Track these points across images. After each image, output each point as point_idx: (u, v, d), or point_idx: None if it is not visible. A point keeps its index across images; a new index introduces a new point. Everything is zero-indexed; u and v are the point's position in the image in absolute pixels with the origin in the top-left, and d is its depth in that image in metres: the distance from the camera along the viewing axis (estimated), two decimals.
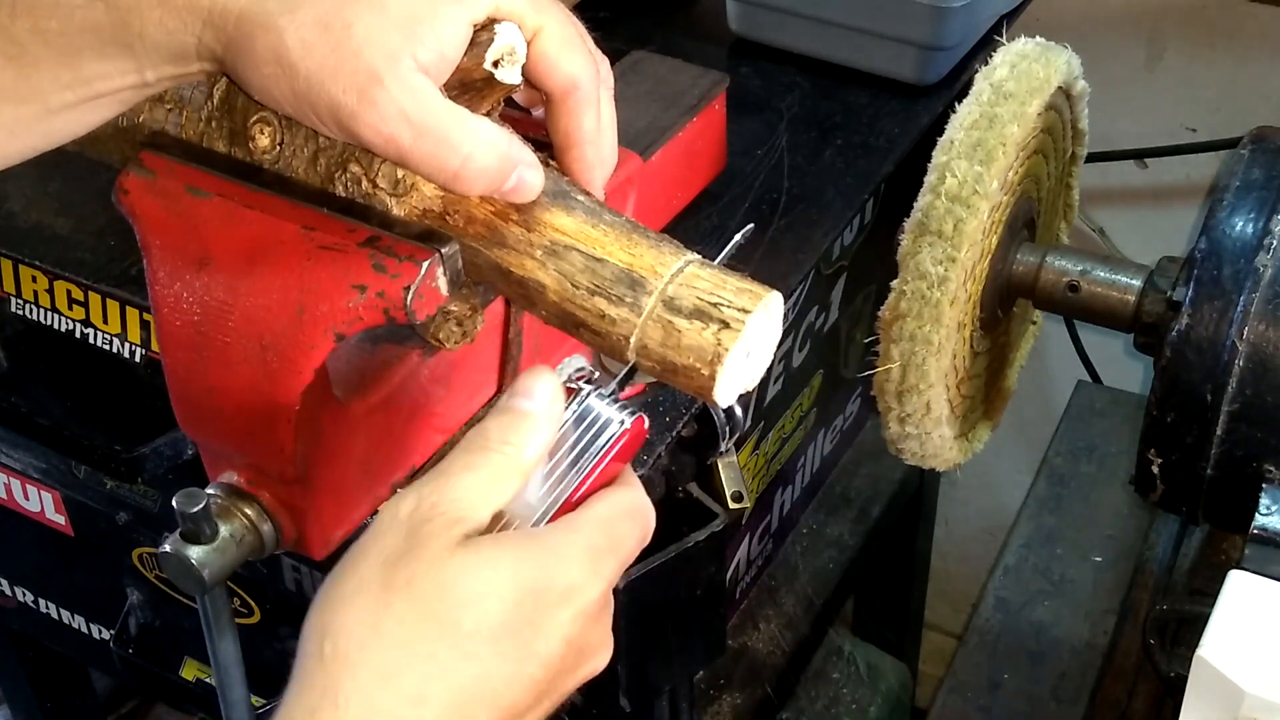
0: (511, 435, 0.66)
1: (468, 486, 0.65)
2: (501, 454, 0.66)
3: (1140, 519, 1.43)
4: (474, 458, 0.66)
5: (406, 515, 0.64)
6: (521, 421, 0.66)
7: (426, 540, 0.63)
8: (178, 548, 0.76)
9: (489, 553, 0.63)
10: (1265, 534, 0.93)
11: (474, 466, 0.65)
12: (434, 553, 0.62)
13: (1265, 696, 0.81)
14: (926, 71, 1.25)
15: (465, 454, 0.66)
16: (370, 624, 0.61)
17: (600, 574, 0.65)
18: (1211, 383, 0.95)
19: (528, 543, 0.64)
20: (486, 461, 0.65)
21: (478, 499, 0.65)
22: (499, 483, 0.65)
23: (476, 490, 0.65)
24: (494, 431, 0.66)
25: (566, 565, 0.64)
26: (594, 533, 0.66)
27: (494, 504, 0.65)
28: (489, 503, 0.65)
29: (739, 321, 0.66)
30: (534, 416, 0.67)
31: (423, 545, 0.62)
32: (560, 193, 0.71)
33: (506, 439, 0.66)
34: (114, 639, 1.34)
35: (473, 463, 0.65)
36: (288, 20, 0.67)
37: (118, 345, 1.07)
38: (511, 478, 0.66)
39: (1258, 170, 1.02)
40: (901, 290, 1.02)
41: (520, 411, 0.67)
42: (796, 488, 1.36)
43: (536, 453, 0.66)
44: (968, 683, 1.32)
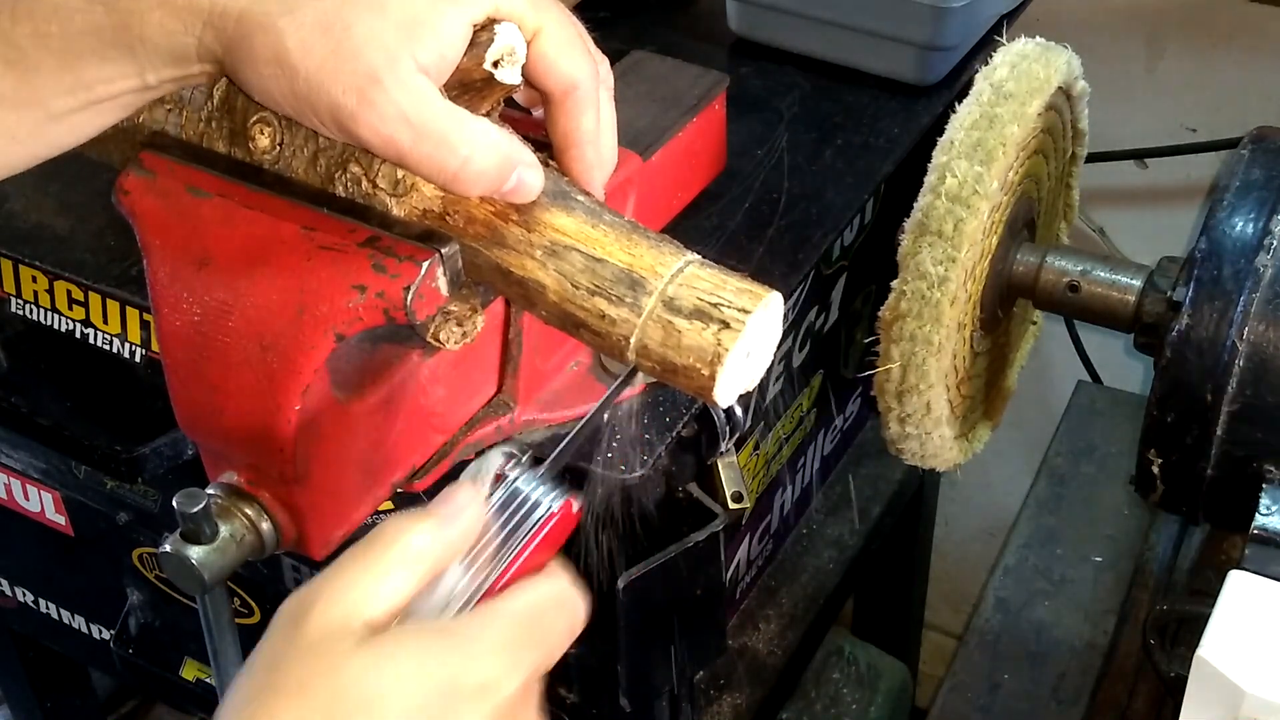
0: (412, 530, 0.61)
1: (357, 581, 0.60)
2: (397, 548, 0.61)
3: (1140, 519, 1.43)
4: (367, 553, 0.61)
5: (290, 613, 0.59)
6: (426, 519, 0.62)
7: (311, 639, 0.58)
8: (178, 548, 0.76)
9: (390, 649, 0.58)
10: (1265, 534, 0.93)
11: (365, 562, 0.60)
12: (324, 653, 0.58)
13: (1266, 697, 0.81)
14: (927, 72, 1.25)
15: (358, 550, 0.61)
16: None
17: (519, 667, 0.60)
18: (1212, 383, 0.95)
19: (436, 636, 0.60)
20: (379, 555, 0.60)
21: (368, 594, 0.59)
22: (392, 578, 0.60)
23: (364, 582, 0.60)
24: (394, 525, 0.62)
25: (480, 659, 0.59)
26: (513, 625, 0.61)
27: (388, 600, 0.60)
28: (382, 598, 0.60)
29: (739, 322, 0.66)
30: (444, 516, 0.62)
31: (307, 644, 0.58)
32: (560, 193, 0.71)
33: (404, 533, 0.61)
34: (114, 639, 1.34)
35: (364, 558, 0.60)
36: (287, 21, 0.67)
37: (118, 345, 1.07)
38: (407, 572, 0.60)
39: (1258, 170, 1.02)
40: (902, 290, 1.02)
41: (429, 512, 0.63)
42: (796, 488, 1.36)
43: (437, 550, 0.62)
44: (968, 683, 1.31)
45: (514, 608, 0.61)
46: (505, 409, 0.91)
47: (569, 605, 0.63)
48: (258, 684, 0.58)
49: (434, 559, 0.62)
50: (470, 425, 0.90)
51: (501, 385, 0.91)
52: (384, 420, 0.81)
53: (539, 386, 0.93)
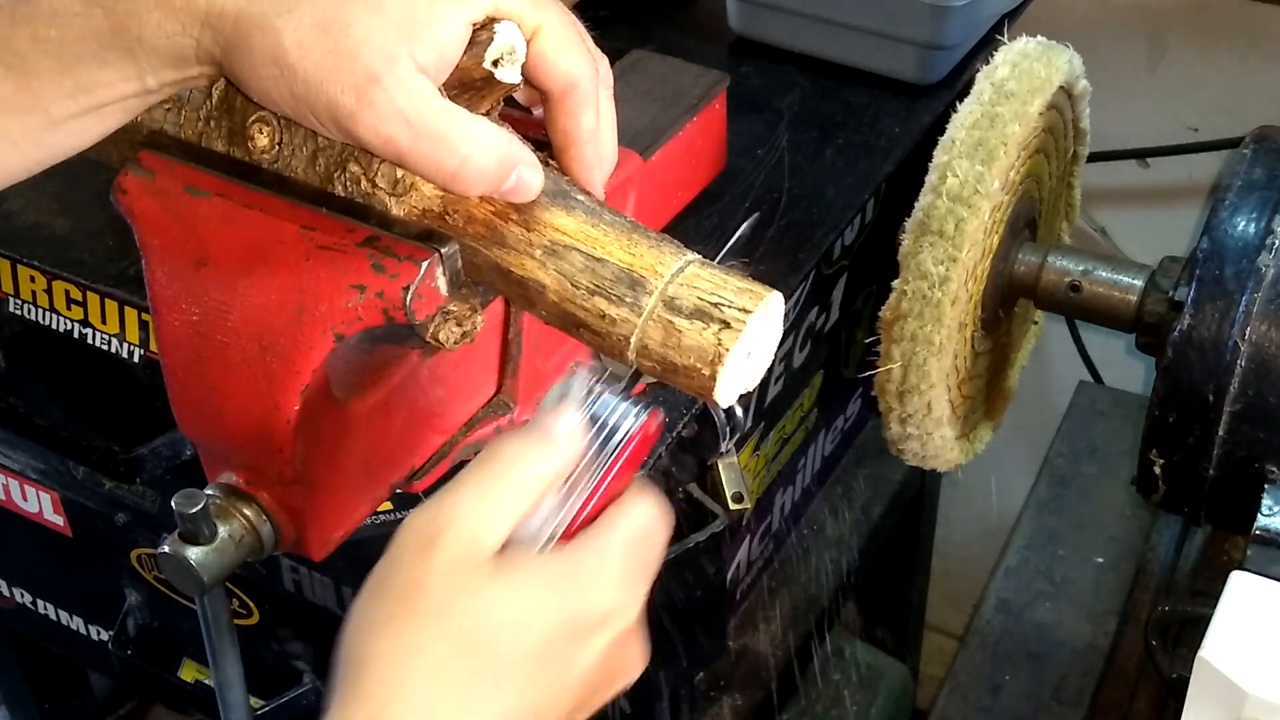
0: (528, 454, 0.65)
1: (481, 502, 0.63)
2: (516, 469, 0.64)
3: (1142, 520, 1.43)
4: (488, 472, 0.64)
5: (421, 533, 0.62)
6: (539, 442, 0.65)
7: (448, 562, 0.61)
8: (176, 549, 0.76)
9: (522, 579, 0.62)
10: (1267, 535, 0.93)
11: (488, 482, 0.64)
12: (461, 578, 0.61)
13: (1267, 698, 0.80)
14: (928, 71, 1.25)
15: (479, 470, 0.64)
16: (404, 653, 0.60)
17: (635, 597, 0.65)
18: (1213, 383, 0.95)
19: (562, 568, 0.63)
20: (500, 477, 0.64)
21: (492, 515, 0.63)
22: (513, 499, 0.64)
23: (490, 506, 0.63)
24: (510, 447, 0.65)
25: (602, 591, 0.63)
26: (627, 555, 0.65)
27: (508, 522, 0.63)
28: (504, 519, 0.63)
29: (740, 321, 0.66)
30: (553, 438, 0.65)
31: (445, 568, 0.61)
32: (560, 192, 0.71)
33: (523, 457, 0.64)
34: (112, 640, 1.34)
35: (486, 478, 0.64)
36: (285, 21, 0.66)
37: (116, 345, 1.07)
38: (525, 494, 0.64)
39: (1260, 170, 1.02)
40: (903, 290, 1.02)
41: (539, 433, 0.65)
42: (797, 488, 1.36)
43: (552, 471, 0.65)
44: (969, 684, 1.31)
45: (624, 538, 0.65)
46: (505, 409, 0.91)
47: (661, 525, 0.67)
48: (399, 603, 0.61)
49: (547, 483, 0.65)
50: (470, 426, 0.90)
51: (501, 385, 0.91)
52: (383, 421, 0.81)
53: (538, 387, 0.93)
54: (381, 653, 0.60)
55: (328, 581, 1.14)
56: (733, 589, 1.27)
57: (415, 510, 0.64)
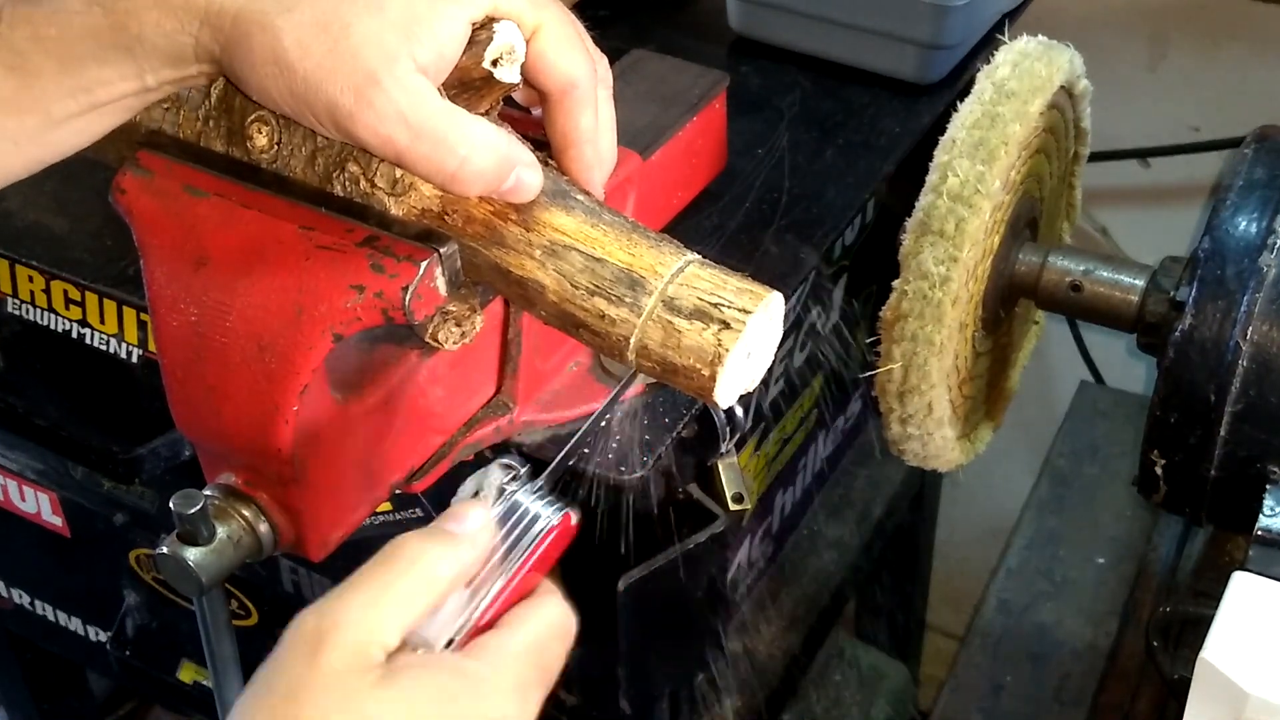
0: (429, 552, 0.62)
1: (373, 604, 0.61)
2: (415, 569, 0.62)
3: (1143, 520, 1.43)
4: (384, 572, 0.62)
5: (309, 635, 0.60)
6: (445, 541, 0.63)
7: (332, 669, 0.58)
8: (175, 549, 0.76)
9: (407, 691, 0.59)
10: (1269, 535, 0.92)
11: (383, 583, 0.61)
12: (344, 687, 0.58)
13: (1269, 699, 0.80)
14: (928, 70, 1.25)
15: (377, 569, 0.62)
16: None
17: (528, 707, 0.62)
18: (1215, 383, 0.95)
19: (451, 678, 0.61)
20: (397, 577, 0.61)
21: (384, 618, 0.60)
22: (408, 600, 0.61)
23: (383, 608, 0.60)
24: (410, 545, 0.62)
25: (494, 700, 0.61)
26: (523, 664, 0.62)
27: (402, 623, 0.61)
28: (397, 622, 0.61)
29: (740, 322, 0.65)
30: (460, 538, 0.63)
31: (330, 675, 0.58)
32: (559, 192, 0.71)
33: (424, 556, 0.62)
34: (111, 641, 1.34)
35: (382, 578, 0.61)
36: (285, 20, 0.66)
37: (115, 345, 1.07)
38: (423, 595, 0.62)
39: (1261, 169, 1.01)
40: (903, 290, 1.02)
41: (446, 532, 0.64)
42: (797, 489, 1.36)
43: (454, 572, 0.63)
44: (969, 685, 1.31)
45: (522, 643, 0.63)
46: (504, 410, 0.91)
47: (568, 630, 0.65)
48: (276, 713, 0.58)
49: (450, 582, 0.63)
50: (469, 426, 0.89)
51: (500, 386, 0.91)
52: (382, 421, 0.81)
53: (538, 387, 0.93)
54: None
55: (327, 582, 1.14)
56: (733, 589, 1.27)
57: (307, 608, 0.61)
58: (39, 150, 0.73)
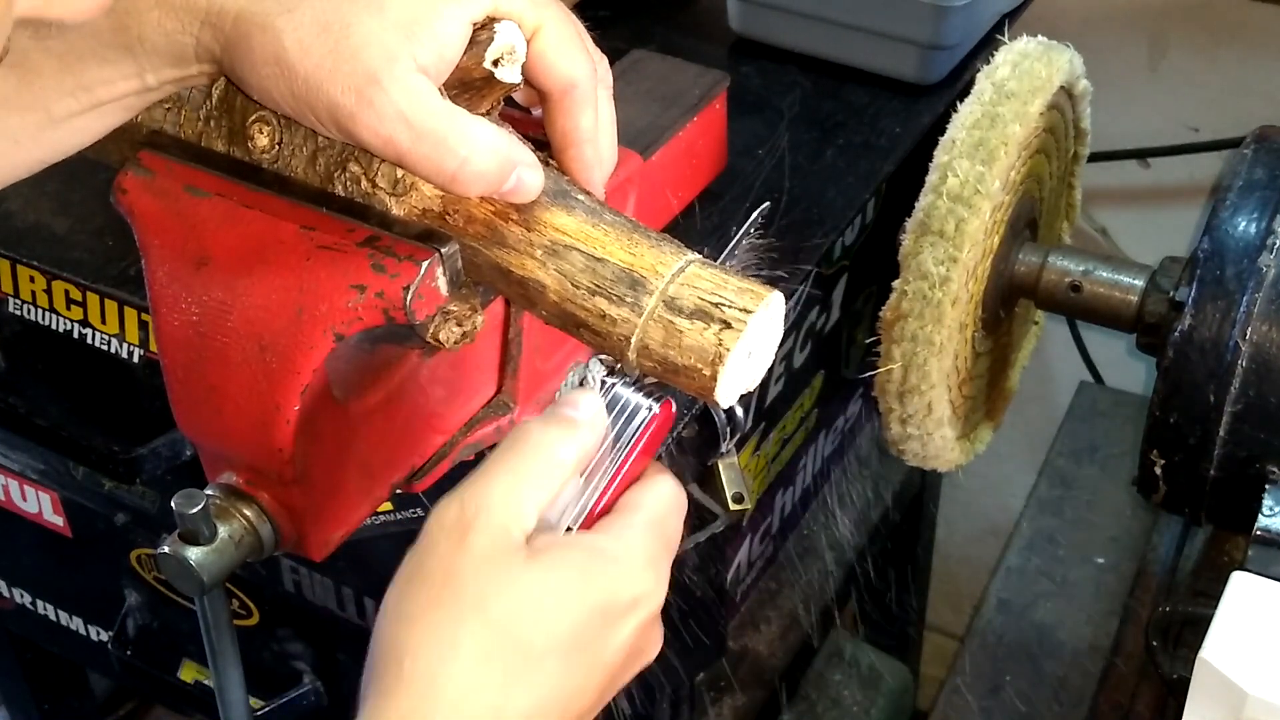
0: (553, 436, 0.66)
1: (510, 488, 0.64)
2: (542, 454, 0.65)
3: (1143, 520, 1.43)
4: (515, 458, 0.65)
5: (453, 522, 0.63)
6: (563, 427, 0.66)
7: (482, 550, 0.62)
8: (176, 549, 0.76)
9: (555, 566, 0.63)
10: (1268, 535, 0.92)
11: (515, 468, 0.64)
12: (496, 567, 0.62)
13: (1268, 699, 0.80)
14: (928, 71, 1.25)
15: (505, 457, 0.65)
16: (445, 644, 0.61)
17: (661, 581, 0.66)
18: (1214, 383, 0.95)
19: (591, 556, 0.64)
20: (526, 462, 0.65)
21: (521, 501, 0.64)
22: (540, 484, 0.65)
23: (519, 492, 0.64)
24: (535, 432, 0.66)
25: (631, 577, 0.64)
26: (651, 540, 0.66)
27: (537, 505, 0.64)
28: (533, 505, 0.64)
29: (740, 322, 0.65)
30: (577, 423, 0.66)
31: (480, 557, 0.62)
32: (560, 192, 0.71)
33: (547, 442, 0.65)
34: (112, 640, 1.34)
35: (513, 464, 0.65)
36: (286, 20, 0.66)
37: (116, 345, 1.07)
38: (553, 479, 0.65)
39: (1261, 170, 1.02)
40: (903, 290, 1.02)
41: (563, 417, 0.66)
42: (797, 489, 1.36)
43: (576, 456, 0.66)
44: (969, 684, 1.31)
45: (647, 520, 0.66)
46: (505, 409, 0.91)
47: (682, 504, 0.68)
48: (436, 593, 0.62)
49: (573, 465, 0.66)
50: (470, 426, 0.89)
51: (501, 386, 0.91)
52: (383, 421, 0.81)
53: (539, 387, 0.93)
54: (420, 644, 0.61)
55: (328, 582, 1.14)
56: (733, 589, 1.27)
57: (444, 498, 0.64)
58: (39, 149, 0.73)
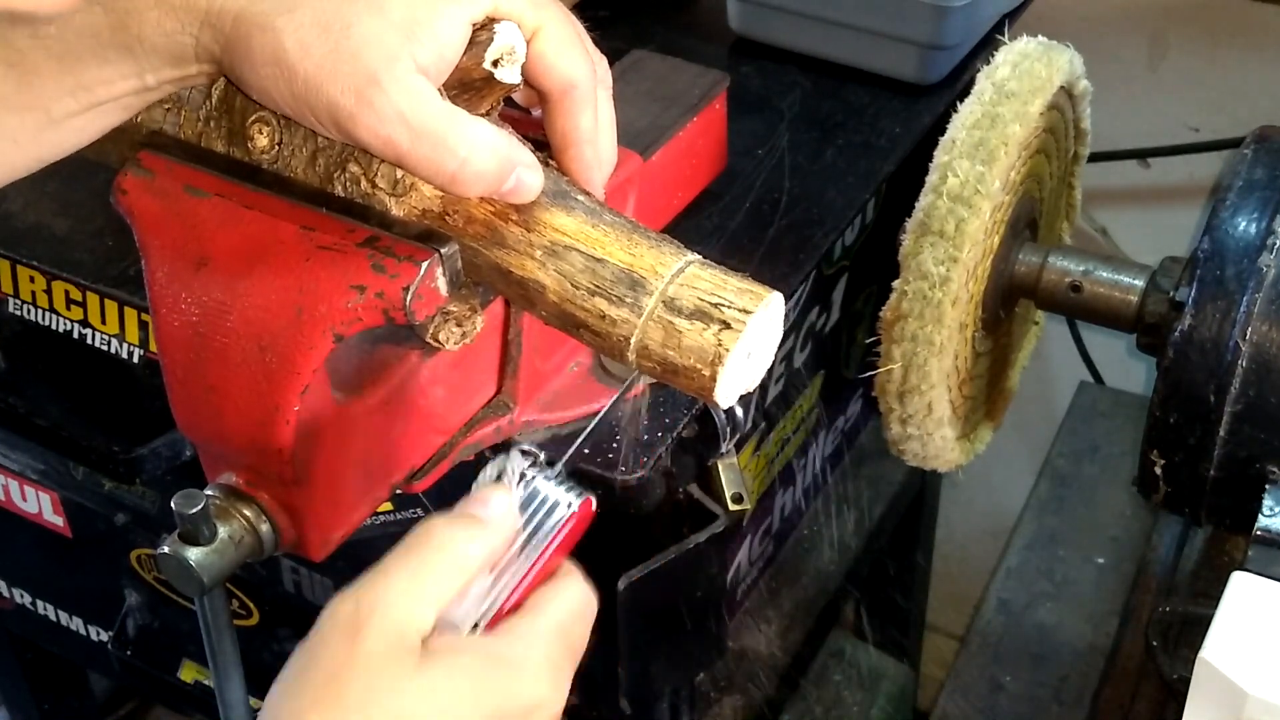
0: (459, 535, 0.64)
1: (409, 588, 0.62)
2: (445, 553, 0.63)
3: (1143, 520, 1.43)
4: (417, 557, 0.63)
5: (347, 620, 0.61)
6: (470, 525, 0.64)
7: (373, 652, 0.60)
8: (176, 549, 0.76)
9: (448, 669, 0.61)
10: (1268, 535, 0.92)
11: (416, 566, 0.62)
12: (386, 671, 0.60)
13: (1268, 699, 0.80)
14: (928, 71, 1.25)
15: (407, 553, 0.63)
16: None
17: (560, 688, 0.64)
18: (1214, 383, 0.95)
19: (487, 661, 0.62)
20: (429, 561, 0.63)
21: (420, 601, 0.62)
22: (441, 583, 0.63)
23: (418, 592, 0.62)
24: (440, 530, 0.64)
25: (529, 682, 0.63)
26: (553, 645, 0.64)
27: (437, 606, 0.62)
28: (432, 605, 0.62)
29: (740, 322, 0.65)
30: (485, 522, 0.65)
31: (371, 659, 0.60)
32: (560, 193, 0.71)
33: (453, 539, 0.63)
34: (112, 641, 1.34)
35: (415, 562, 0.63)
36: (286, 21, 0.66)
37: (116, 346, 1.07)
38: (455, 578, 0.63)
39: (1261, 170, 1.01)
40: (903, 290, 1.02)
41: (473, 517, 0.65)
42: (797, 489, 1.36)
43: (482, 556, 0.64)
44: (969, 685, 1.31)
45: (550, 624, 0.64)
46: (505, 410, 0.91)
47: (591, 609, 0.66)
48: (317, 696, 0.59)
49: (478, 565, 0.64)
50: (470, 426, 0.89)
51: (501, 386, 0.91)
52: (383, 421, 0.81)
53: (538, 387, 0.93)
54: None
55: (328, 582, 1.14)
56: (733, 589, 1.27)
57: (340, 594, 0.62)
58: (38, 149, 0.73)
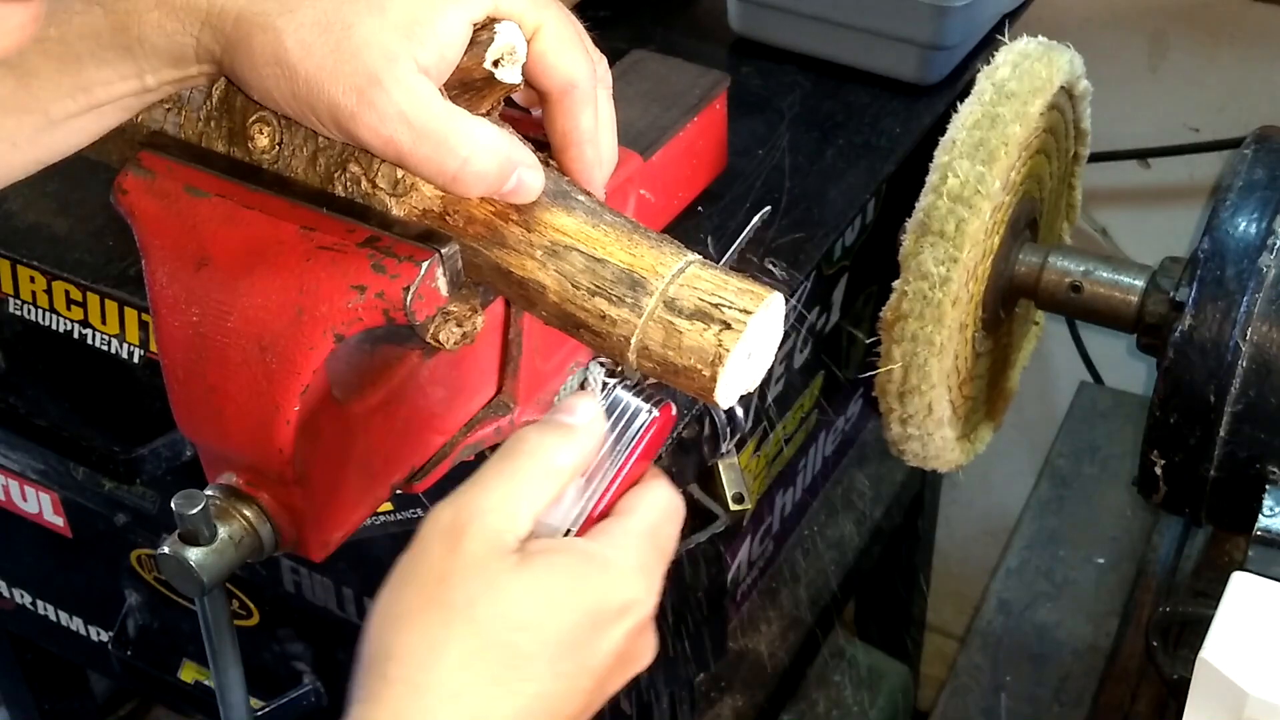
0: (550, 443, 0.66)
1: (506, 494, 0.64)
2: (538, 460, 0.65)
3: (1143, 520, 1.43)
4: (511, 464, 0.65)
5: (447, 526, 0.63)
6: (560, 433, 0.66)
7: (474, 555, 0.62)
8: (176, 549, 0.76)
9: (547, 571, 0.63)
10: (1268, 535, 0.92)
11: (511, 473, 0.65)
12: (487, 571, 0.62)
13: (1268, 699, 0.80)
14: (928, 71, 1.25)
15: (502, 461, 0.65)
16: (432, 646, 0.61)
17: (652, 588, 0.66)
18: (1214, 384, 0.95)
19: (582, 561, 0.64)
20: (523, 468, 0.65)
21: (517, 507, 0.64)
22: (536, 490, 0.65)
23: (514, 498, 0.64)
24: (532, 438, 0.66)
25: (622, 583, 0.64)
26: (644, 546, 0.66)
27: (532, 511, 0.64)
28: (528, 510, 0.64)
29: (740, 322, 0.65)
30: (575, 429, 0.66)
31: (472, 561, 0.62)
32: (561, 193, 0.71)
33: (544, 447, 0.65)
34: (112, 641, 1.34)
35: (509, 469, 0.65)
36: (286, 21, 0.66)
37: (116, 346, 1.07)
38: (548, 484, 0.65)
39: (1261, 170, 1.02)
40: (903, 291, 1.02)
41: (562, 424, 0.66)
42: (798, 489, 1.36)
43: (573, 462, 0.66)
44: (970, 685, 1.31)
45: (641, 526, 0.66)
46: (505, 410, 0.91)
47: (678, 511, 0.68)
48: (426, 596, 0.62)
49: (570, 472, 0.66)
50: (470, 426, 0.89)
51: (501, 386, 0.91)
52: (383, 421, 0.81)
53: (539, 387, 0.93)
54: (409, 646, 0.61)
55: (328, 582, 1.14)
56: (733, 589, 1.27)
57: (440, 503, 0.64)
58: (37, 150, 0.73)
